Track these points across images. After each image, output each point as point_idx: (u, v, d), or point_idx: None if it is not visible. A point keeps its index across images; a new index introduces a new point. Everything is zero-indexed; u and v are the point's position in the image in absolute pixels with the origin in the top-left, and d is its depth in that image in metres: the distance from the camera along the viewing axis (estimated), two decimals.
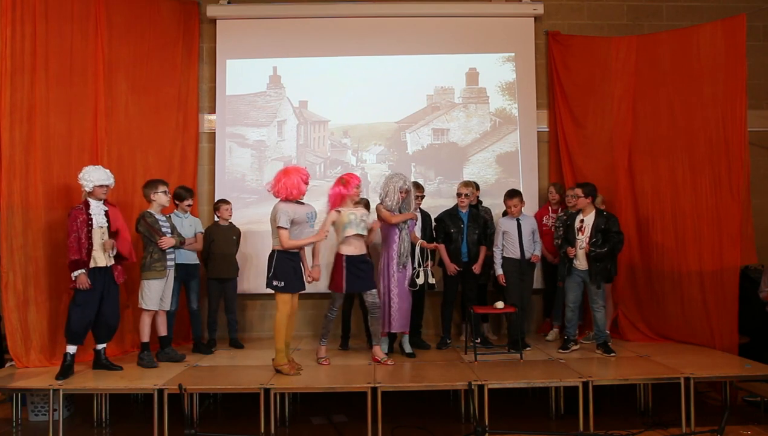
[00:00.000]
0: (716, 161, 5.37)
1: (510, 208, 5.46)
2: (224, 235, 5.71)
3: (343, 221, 4.76)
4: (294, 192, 4.51)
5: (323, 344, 4.97)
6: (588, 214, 5.20)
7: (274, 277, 4.50)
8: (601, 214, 5.19)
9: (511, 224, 5.44)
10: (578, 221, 5.22)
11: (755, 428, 4.30)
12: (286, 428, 4.51)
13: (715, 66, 5.44)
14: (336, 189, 4.79)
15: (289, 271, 4.51)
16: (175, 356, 4.98)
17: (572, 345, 5.21)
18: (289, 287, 4.51)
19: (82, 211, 4.55)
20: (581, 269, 5.16)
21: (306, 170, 4.68)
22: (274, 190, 4.55)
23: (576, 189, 5.37)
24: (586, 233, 5.14)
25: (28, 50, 4.86)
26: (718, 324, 5.20)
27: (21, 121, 4.79)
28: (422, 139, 6.59)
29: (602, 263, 5.11)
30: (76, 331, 4.49)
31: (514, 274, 5.42)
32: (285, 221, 4.44)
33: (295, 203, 4.56)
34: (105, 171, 4.67)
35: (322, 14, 6.56)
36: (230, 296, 5.76)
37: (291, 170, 4.59)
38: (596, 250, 5.06)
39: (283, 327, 4.52)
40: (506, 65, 6.63)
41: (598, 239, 5.09)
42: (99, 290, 4.56)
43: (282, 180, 4.51)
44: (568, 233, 5.25)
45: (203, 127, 6.55)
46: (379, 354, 4.89)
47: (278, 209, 4.50)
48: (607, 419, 4.40)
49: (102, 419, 4.60)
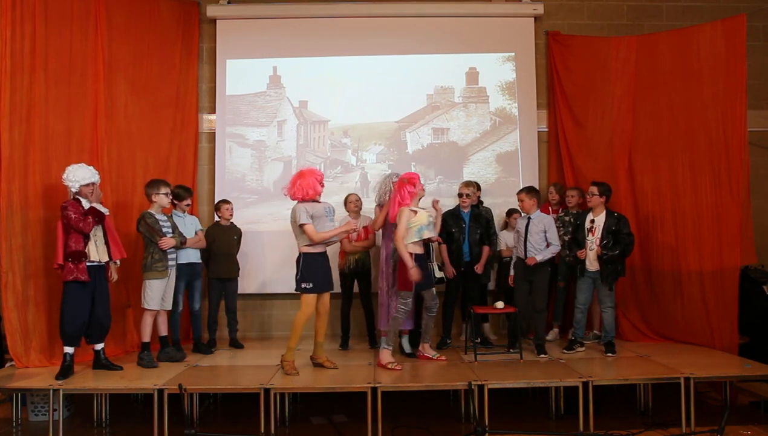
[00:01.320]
0: (716, 161, 5.37)
1: (519, 204, 5.29)
2: (225, 235, 5.71)
3: (421, 221, 4.77)
4: (310, 192, 4.57)
5: (389, 348, 4.82)
6: (599, 214, 5.17)
7: (303, 279, 4.55)
8: (612, 215, 5.14)
9: (521, 222, 5.25)
10: (588, 221, 5.19)
11: (755, 428, 4.30)
12: (286, 428, 4.51)
13: (715, 66, 5.44)
14: (404, 190, 4.80)
15: (317, 271, 4.56)
16: (175, 356, 4.98)
17: (578, 347, 5.19)
18: (317, 288, 4.57)
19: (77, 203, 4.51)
20: (592, 271, 5.13)
21: (320, 171, 4.77)
22: (291, 192, 4.62)
23: (592, 187, 5.26)
24: (597, 233, 5.11)
25: (28, 50, 4.86)
26: (718, 324, 5.20)
27: (20, 121, 4.79)
28: (422, 138, 6.59)
29: (613, 265, 5.07)
30: (71, 333, 4.48)
31: (520, 275, 5.22)
32: (305, 217, 4.50)
33: (311, 202, 4.60)
34: (89, 168, 4.63)
35: (322, 14, 6.55)
36: (231, 296, 5.76)
37: (306, 172, 4.66)
38: (608, 252, 5.02)
39: (301, 327, 4.58)
40: (506, 65, 6.62)
41: (609, 240, 5.05)
42: (90, 289, 4.54)
43: (297, 182, 4.58)
44: (578, 233, 5.22)
45: (203, 127, 6.54)
46: (428, 351, 5.00)
47: (296, 209, 4.57)
48: (607, 419, 4.40)
49: (102, 419, 4.60)
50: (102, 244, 4.64)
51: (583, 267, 5.16)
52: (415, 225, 4.73)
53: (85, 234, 4.51)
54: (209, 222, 6.15)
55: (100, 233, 4.63)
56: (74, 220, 4.44)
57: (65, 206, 4.49)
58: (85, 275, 4.46)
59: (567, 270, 5.60)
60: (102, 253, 4.63)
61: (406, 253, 4.65)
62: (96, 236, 4.60)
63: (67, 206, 4.49)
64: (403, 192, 4.80)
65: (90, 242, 4.55)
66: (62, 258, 4.45)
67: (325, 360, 4.74)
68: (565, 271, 5.66)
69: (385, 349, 4.81)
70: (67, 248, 4.46)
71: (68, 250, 4.46)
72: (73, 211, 4.47)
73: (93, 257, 4.56)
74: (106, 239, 4.67)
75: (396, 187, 4.91)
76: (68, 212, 4.45)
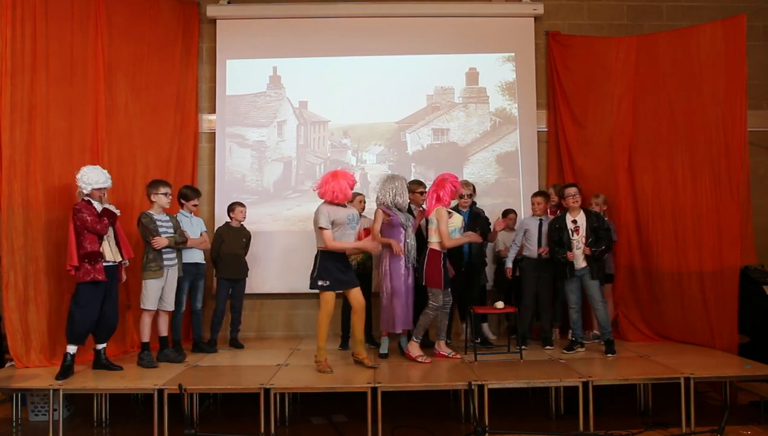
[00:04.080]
0: (716, 161, 5.36)
1: (533, 206, 5.60)
2: (234, 236, 5.75)
3: (456, 224, 4.96)
4: (339, 196, 4.59)
5: (417, 342, 4.96)
6: (578, 214, 5.25)
7: (319, 277, 4.58)
8: (591, 214, 5.29)
9: (534, 223, 5.54)
10: (570, 221, 5.24)
11: (755, 428, 4.30)
12: (286, 428, 4.51)
13: (715, 66, 5.43)
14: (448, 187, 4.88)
15: (333, 269, 4.57)
16: (174, 359, 4.97)
17: (578, 347, 5.20)
18: (333, 286, 4.58)
19: (89, 205, 4.54)
20: (579, 268, 5.19)
21: (353, 176, 4.77)
22: (320, 191, 4.63)
23: (571, 188, 5.30)
24: (582, 232, 5.20)
25: (28, 50, 4.86)
26: (718, 324, 5.20)
27: (21, 121, 4.79)
28: (422, 139, 6.60)
29: (600, 260, 5.23)
30: (79, 331, 4.49)
31: (531, 273, 5.51)
32: (325, 221, 4.52)
33: (336, 206, 4.62)
34: (103, 172, 4.65)
35: (322, 14, 6.56)
36: (238, 296, 5.79)
37: (339, 174, 4.65)
38: (597, 250, 5.13)
39: (325, 325, 4.61)
40: (506, 65, 6.63)
41: (593, 238, 5.17)
42: (103, 288, 4.56)
43: (330, 183, 4.59)
44: (561, 235, 5.25)
45: (203, 127, 6.55)
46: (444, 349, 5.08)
47: (319, 211, 4.59)
48: (607, 419, 4.40)
49: (102, 419, 4.60)
50: (114, 244, 4.68)
51: (572, 268, 5.19)
52: (451, 227, 4.92)
53: (101, 235, 4.53)
54: (209, 223, 6.15)
55: (111, 233, 4.66)
56: (91, 222, 4.47)
57: (78, 209, 4.51)
58: (102, 275, 4.49)
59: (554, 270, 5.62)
60: (115, 253, 4.66)
61: (462, 239, 4.93)
62: (108, 237, 4.63)
63: (81, 209, 4.50)
64: (446, 190, 4.87)
65: (104, 243, 4.57)
66: (77, 260, 4.46)
67: (365, 358, 4.74)
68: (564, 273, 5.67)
69: (414, 342, 4.95)
70: (82, 249, 4.47)
71: (83, 251, 4.47)
72: (88, 213, 4.49)
73: (108, 257, 4.59)
74: (117, 240, 4.70)
75: (438, 184, 4.94)
76: (83, 215, 4.47)
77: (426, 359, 4.88)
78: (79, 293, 4.49)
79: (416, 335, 4.98)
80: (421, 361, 4.86)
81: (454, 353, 5.09)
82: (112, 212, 4.65)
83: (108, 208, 4.63)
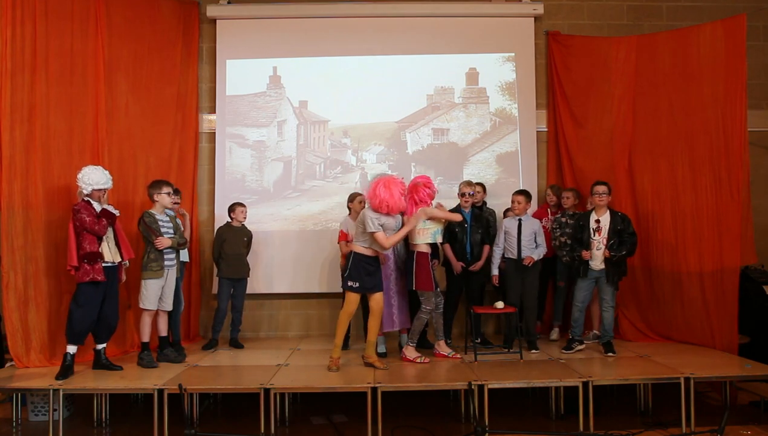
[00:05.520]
0: (716, 161, 5.36)
1: (513, 205, 5.38)
2: (236, 235, 5.76)
3: (438, 224, 4.95)
4: (394, 210, 4.62)
5: (413, 345, 4.98)
6: (603, 214, 5.18)
7: (350, 277, 4.64)
8: (616, 215, 5.16)
9: (513, 223, 5.35)
10: (593, 221, 5.19)
11: (755, 428, 4.30)
12: (286, 428, 4.51)
13: (715, 66, 5.43)
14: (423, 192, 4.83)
15: (362, 272, 4.63)
16: (174, 359, 4.96)
17: (577, 345, 5.19)
18: (361, 288, 4.64)
19: (89, 206, 4.54)
20: (597, 269, 5.13)
21: (403, 183, 4.75)
22: (374, 203, 4.60)
23: (600, 186, 5.19)
24: (603, 233, 5.12)
25: (28, 50, 4.86)
26: (718, 324, 5.20)
27: (21, 121, 4.79)
28: (422, 139, 6.60)
29: (619, 265, 5.12)
30: (79, 331, 4.49)
31: (513, 274, 5.36)
32: (376, 225, 4.55)
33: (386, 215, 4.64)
34: (104, 173, 4.65)
35: (322, 14, 6.56)
36: (239, 296, 5.80)
37: (390, 184, 4.61)
38: (617, 253, 5.04)
39: (344, 324, 4.70)
40: (506, 65, 6.63)
41: (615, 240, 5.07)
42: (102, 289, 4.56)
43: (383, 196, 4.55)
44: (582, 233, 5.21)
45: (203, 127, 6.54)
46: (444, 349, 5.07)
47: (367, 217, 4.59)
48: (607, 419, 4.40)
49: (102, 419, 4.60)
50: (113, 245, 4.68)
51: (587, 267, 5.16)
52: (432, 227, 4.89)
53: (100, 236, 4.53)
54: (209, 223, 6.15)
55: (111, 234, 4.66)
56: (89, 223, 4.47)
57: (78, 209, 4.51)
58: (102, 275, 4.49)
59: (566, 270, 5.61)
60: (114, 253, 4.67)
61: (403, 231, 4.70)
62: (108, 237, 4.63)
63: (80, 209, 4.50)
64: (422, 194, 4.82)
65: (103, 243, 4.58)
66: (77, 260, 4.46)
67: (376, 360, 4.73)
68: (563, 270, 5.67)
69: (410, 345, 4.96)
70: (81, 250, 4.48)
71: (82, 251, 4.47)
72: (87, 213, 4.49)
73: (107, 258, 4.59)
74: (116, 240, 4.70)
75: (411, 189, 4.88)
76: (82, 215, 4.47)
77: (425, 360, 4.88)
78: (79, 293, 4.50)
79: (411, 338, 4.98)
80: (420, 362, 4.86)
81: (454, 352, 5.09)
82: (111, 213, 4.65)
83: (107, 209, 4.63)
